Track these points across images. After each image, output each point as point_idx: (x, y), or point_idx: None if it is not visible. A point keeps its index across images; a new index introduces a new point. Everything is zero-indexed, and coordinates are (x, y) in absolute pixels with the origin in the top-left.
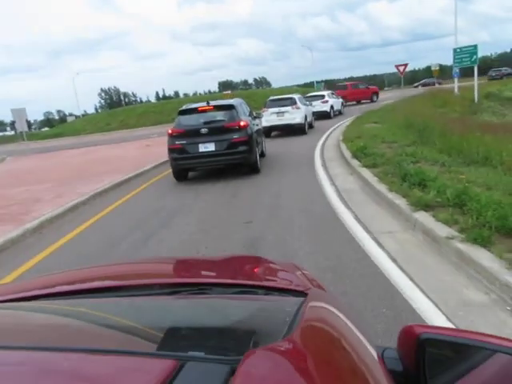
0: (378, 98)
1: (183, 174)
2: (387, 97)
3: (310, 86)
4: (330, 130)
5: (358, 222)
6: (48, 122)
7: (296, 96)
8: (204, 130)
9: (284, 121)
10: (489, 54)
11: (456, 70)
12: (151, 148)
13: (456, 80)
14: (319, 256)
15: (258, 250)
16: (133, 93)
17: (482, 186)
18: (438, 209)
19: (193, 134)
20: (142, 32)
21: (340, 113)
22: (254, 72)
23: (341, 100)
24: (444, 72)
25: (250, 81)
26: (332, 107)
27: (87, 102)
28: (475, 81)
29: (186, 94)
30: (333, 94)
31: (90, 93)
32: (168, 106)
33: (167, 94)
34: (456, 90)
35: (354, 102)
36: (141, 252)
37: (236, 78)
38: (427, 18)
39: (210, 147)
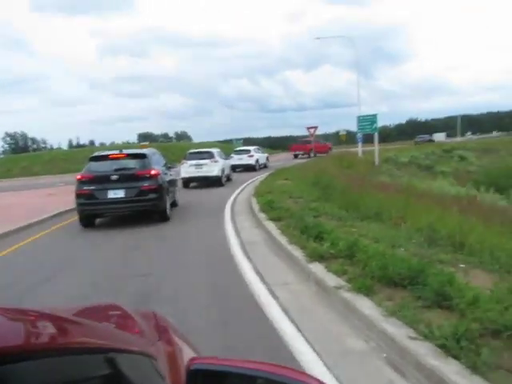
0: (331, 151)
1: (90, 221)
2: (300, 155)
3: (229, 142)
4: (246, 183)
5: (256, 274)
6: None
7: (215, 150)
8: (114, 177)
9: (202, 173)
10: (388, 124)
11: (359, 135)
12: (54, 197)
13: (360, 144)
14: (213, 309)
15: (149, 306)
16: (43, 139)
17: (371, 239)
18: (332, 260)
19: (103, 180)
20: (60, 78)
21: (265, 166)
22: (175, 126)
23: (266, 155)
24: (351, 137)
25: (171, 134)
26: (257, 161)
27: None
28: (376, 146)
29: (102, 144)
30: (259, 149)
31: None
32: (80, 154)
33: (81, 143)
34: (360, 153)
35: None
36: None
37: (157, 131)
38: (336, 89)
39: (119, 194)
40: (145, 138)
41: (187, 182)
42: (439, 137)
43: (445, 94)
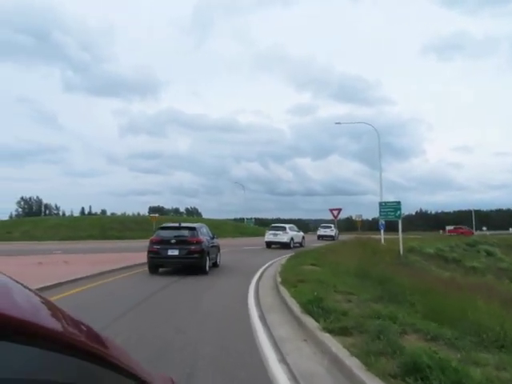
0: (473, 234)
1: (156, 269)
2: (313, 239)
3: (240, 221)
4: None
5: None
6: None
7: (287, 225)
8: (173, 241)
9: (277, 239)
10: None
11: (382, 222)
12: (43, 266)
13: (382, 231)
14: None
15: None
16: (56, 205)
17: None
18: None
19: (165, 242)
20: (80, 151)
21: (301, 245)
22: (186, 202)
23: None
24: (363, 223)
25: (182, 209)
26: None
27: (3, 209)
28: (400, 235)
29: (113, 213)
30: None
31: (10, 200)
32: (84, 221)
33: (93, 211)
34: (382, 240)
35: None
36: None
37: (168, 205)
38: (344, 177)
39: (175, 252)
40: (155, 210)
41: (269, 244)
42: None
43: (450, 189)
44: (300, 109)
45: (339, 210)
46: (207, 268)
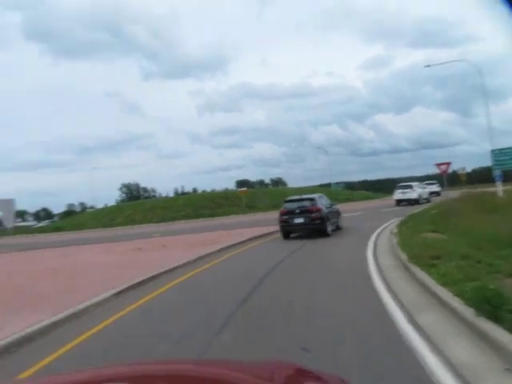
0: None
1: (288, 235)
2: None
3: (326, 186)
4: None
5: None
6: (67, 213)
7: (414, 183)
8: (297, 211)
9: (406, 196)
10: None
11: (498, 172)
12: (142, 253)
13: (499, 183)
14: None
15: None
16: (152, 188)
17: None
18: None
19: (291, 212)
20: (165, 135)
21: (428, 201)
22: (270, 173)
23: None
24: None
25: (267, 180)
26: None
27: (110, 196)
28: None
29: (204, 191)
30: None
31: (113, 187)
32: (178, 201)
33: (186, 191)
34: (501, 193)
35: None
36: None
37: (253, 178)
38: (432, 129)
39: (300, 220)
40: (242, 184)
41: (399, 202)
42: None
43: None
44: (374, 63)
45: (448, 164)
46: (329, 231)
